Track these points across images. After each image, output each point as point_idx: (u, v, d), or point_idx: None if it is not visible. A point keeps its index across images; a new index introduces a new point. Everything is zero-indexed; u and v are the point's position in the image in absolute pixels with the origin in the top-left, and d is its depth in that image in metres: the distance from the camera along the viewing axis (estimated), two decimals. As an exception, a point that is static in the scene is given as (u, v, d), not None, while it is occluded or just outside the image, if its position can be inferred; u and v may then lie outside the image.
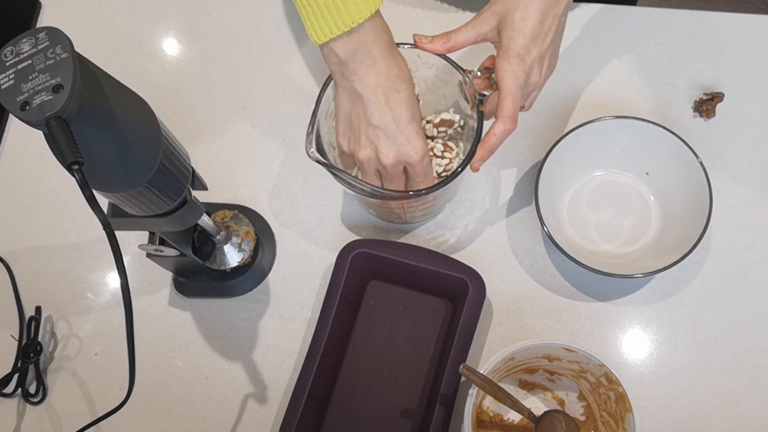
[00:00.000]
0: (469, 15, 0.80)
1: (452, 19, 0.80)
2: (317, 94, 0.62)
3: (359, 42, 0.58)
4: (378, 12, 0.59)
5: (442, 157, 0.66)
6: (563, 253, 0.65)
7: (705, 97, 0.75)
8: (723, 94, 0.75)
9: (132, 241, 0.72)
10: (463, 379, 0.59)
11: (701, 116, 0.76)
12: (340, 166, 0.65)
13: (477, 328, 0.69)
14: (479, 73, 0.63)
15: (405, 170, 0.63)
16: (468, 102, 0.64)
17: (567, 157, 0.69)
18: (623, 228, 0.72)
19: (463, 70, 0.63)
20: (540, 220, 0.66)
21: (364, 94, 0.60)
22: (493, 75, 0.63)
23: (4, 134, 0.79)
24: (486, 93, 0.63)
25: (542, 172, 0.67)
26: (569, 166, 0.71)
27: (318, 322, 0.66)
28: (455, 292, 0.67)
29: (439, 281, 0.67)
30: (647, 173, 0.72)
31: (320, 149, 0.61)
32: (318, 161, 0.59)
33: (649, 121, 0.68)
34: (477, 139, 0.61)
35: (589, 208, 0.73)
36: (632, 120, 0.69)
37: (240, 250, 0.69)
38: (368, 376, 0.68)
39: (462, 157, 0.66)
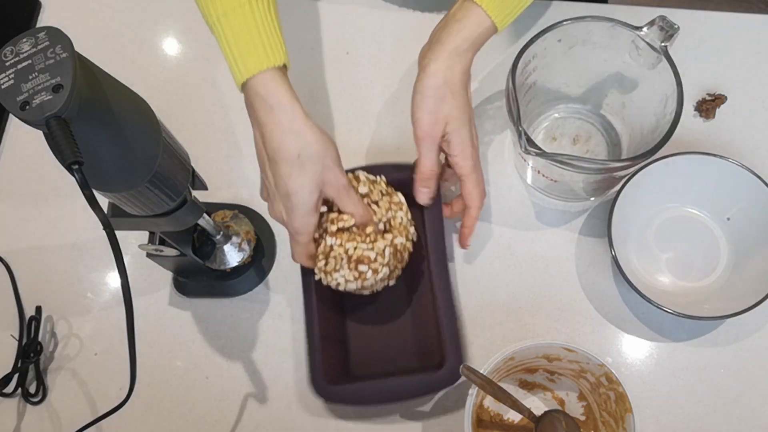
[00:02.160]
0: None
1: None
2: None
3: (249, 99, 0.59)
4: (274, 70, 0.57)
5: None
6: (629, 283, 0.64)
7: (708, 98, 0.75)
8: (726, 97, 0.75)
9: (132, 241, 0.72)
10: (463, 378, 0.59)
11: (701, 116, 0.76)
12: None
13: (477, 328, 0.70)
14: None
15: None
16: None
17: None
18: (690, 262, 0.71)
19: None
20: (610, 245, 0.65)
21: (256, 144, 0.61)
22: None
23: (4, 134, 0.79)
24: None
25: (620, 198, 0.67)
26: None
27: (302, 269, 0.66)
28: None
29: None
30: (728, 218, 0.70)
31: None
32: (537, 154, 0.59)
33: (744, 167, 0.67)
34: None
35: (656, 239, 0.71)
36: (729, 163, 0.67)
37: (240, 250, 0.69)
38: (372, 309, 0.69)
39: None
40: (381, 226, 0.63)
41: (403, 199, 0.66)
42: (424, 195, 0.65)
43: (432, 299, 0.66)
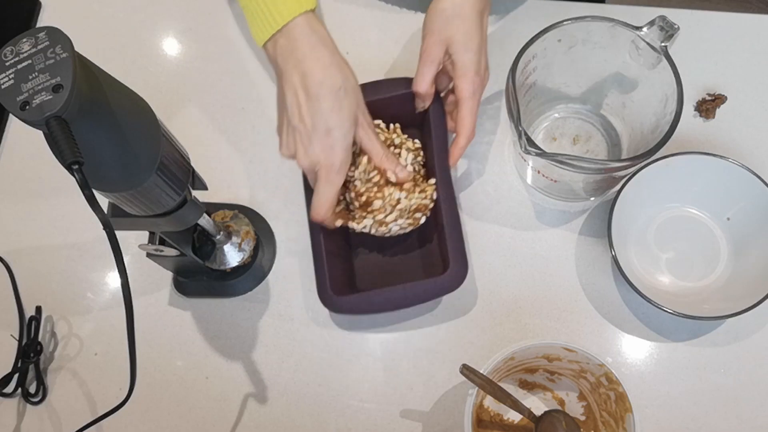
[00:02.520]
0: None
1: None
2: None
3: (288, 38, 0.60)
4: (311, 13, 0.61)
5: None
6: (629, 283, 0.64)
7: (708, 98, 0.75)
8: (726, 97, 0.75)
9: (132, 241, 0.72)
10: (463, 378, 0.59)
11: (701, 116, 0.76)
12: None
13: (477, 328, 0.70)
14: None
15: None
16: None
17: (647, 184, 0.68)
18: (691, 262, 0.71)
19: None
20: (610, 245, 0.65)
21: (286, 96, 0.62)
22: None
23: (4, 134, 0.79)
24: None
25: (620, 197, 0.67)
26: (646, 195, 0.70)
27: (304, 182, 0.69)
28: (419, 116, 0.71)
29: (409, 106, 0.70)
30: (728, 218, 0.70)
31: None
32: (537, 154, 0.59)
33: (747, 168, 0.67)
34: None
35: (656, 239, 0.71)
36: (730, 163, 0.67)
37: (240, 250, 0.69)
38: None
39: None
40: (410, 169, 0.67)
41: (419, 143, 0.70)
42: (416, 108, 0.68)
43: (436, 214, 0.68)
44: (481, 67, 0.65)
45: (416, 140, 0.70)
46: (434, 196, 0.67)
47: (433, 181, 0.67)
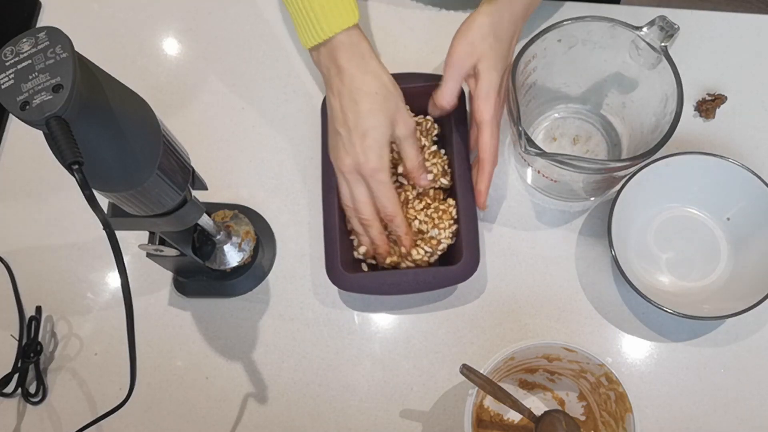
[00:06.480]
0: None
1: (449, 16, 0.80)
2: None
3: (332, 48, 0.64)
4: (353, 27, 0.64)
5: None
6: (629, 283, 0.64)
7: (708, 98, 0.75)
8: (726, 97, 0.75)
9: (132, 241, 0.72)
10: (463, 378, 0.59)
11: (701, 116, 0.76)
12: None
13: (477, 328, 0.70)
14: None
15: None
16: None
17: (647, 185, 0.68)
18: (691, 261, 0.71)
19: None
20: (610, 245, 0.65)
21: (330, 101, 0.65)
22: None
23: (4, 134, 0.79)
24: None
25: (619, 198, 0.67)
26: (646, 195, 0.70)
27: (323, 164, 0.70)
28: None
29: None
30: (728, 218, 0.70)
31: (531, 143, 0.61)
32: (537, 154, 0.59)
33: (746, 168, 0.67)
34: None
35: (656, 239, 0.71)
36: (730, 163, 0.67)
37: (240, 250, 0.69)
38: None
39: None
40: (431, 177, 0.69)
41: (443, 151, 0.72)
42: (433, 113, 0.69)
43: (453, 204, 0.68)
44: (504, 91, 0.66)
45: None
46: (452, 232, 0.68)
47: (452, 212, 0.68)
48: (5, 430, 0.69)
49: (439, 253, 0.68)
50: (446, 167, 0.70)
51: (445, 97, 0.66)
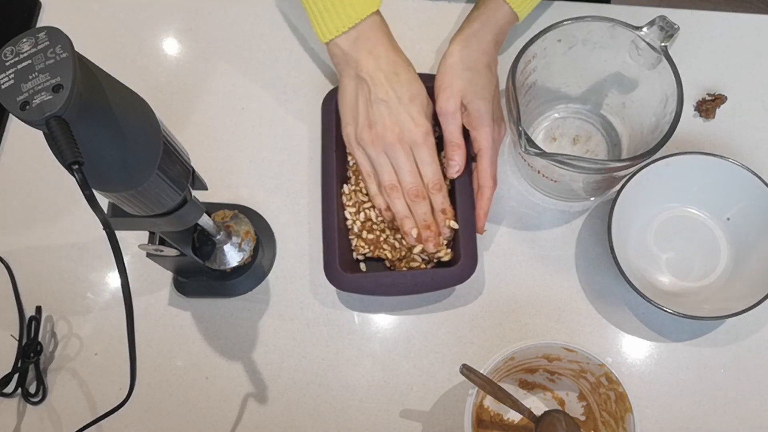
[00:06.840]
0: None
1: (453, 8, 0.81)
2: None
3: (359, 33, 0.64)
4: (377, 12, 0.65)
5: None
6: (629, 283, 0.64)
7: (708, 98, 0.75)
8: (726, 97, 0.75)
9: (132, 241, 0.72)
10: (463, 378, 0.59)
11: (701, 116, 0.76)
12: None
13: (477, 328, 0.70)
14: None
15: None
16: None
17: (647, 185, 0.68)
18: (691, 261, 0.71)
19: None
20: (610, 245, 0.65)
21: (366, 77, 0.65)
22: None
23: (4, 134, 0.79)
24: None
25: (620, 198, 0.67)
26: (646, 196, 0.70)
27: (323, 164, 0.70)
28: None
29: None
30: (728, 218, 0.70)
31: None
32: (537, 154, 0.59)
33: (745, 167, 0.67)
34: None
35: (656, 238, 0.71)
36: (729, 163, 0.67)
37: (240, 250, 0.69)
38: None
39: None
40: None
41: (442, 154, 0.70)
42: (451, 168, 0.67)
43: (452, 205, 0.68)
44: (497, 116, 0.67)
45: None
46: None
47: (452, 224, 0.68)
48: (5, 430, 0.69)
49: (444, 242, 0.68)
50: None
51: (449, 140, 0.67)
